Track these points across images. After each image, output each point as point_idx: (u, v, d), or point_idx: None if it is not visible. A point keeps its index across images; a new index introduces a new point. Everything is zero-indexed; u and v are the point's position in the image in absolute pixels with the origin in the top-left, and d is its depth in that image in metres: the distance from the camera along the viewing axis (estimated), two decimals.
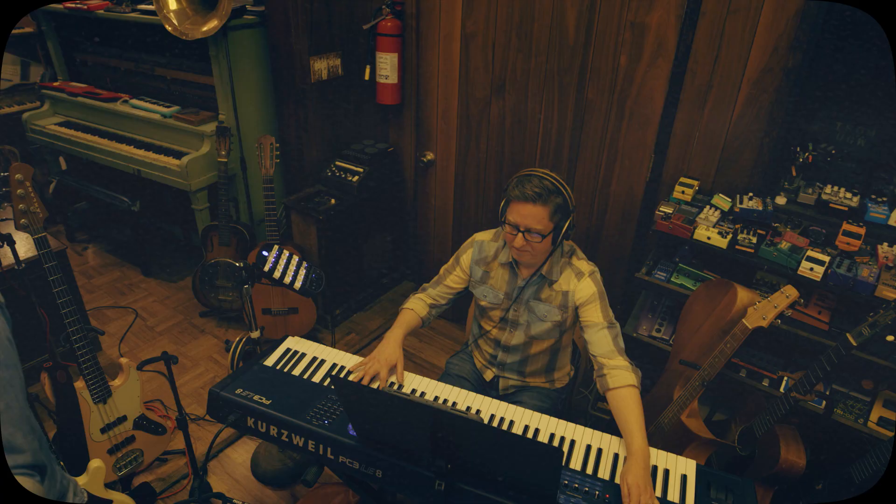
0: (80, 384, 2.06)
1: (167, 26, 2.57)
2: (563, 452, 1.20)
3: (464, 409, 1.72)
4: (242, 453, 2.49)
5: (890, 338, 1.60)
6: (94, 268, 3.69)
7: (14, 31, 3.87)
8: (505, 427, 1.68)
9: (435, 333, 3.23)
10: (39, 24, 3.55)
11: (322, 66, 2.88)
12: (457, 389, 1.84)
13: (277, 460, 2.39)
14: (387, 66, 2.87)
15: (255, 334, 2.13)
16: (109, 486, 1.88)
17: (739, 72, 2.08)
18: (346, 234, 3.06)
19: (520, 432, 1.66)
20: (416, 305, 2.00)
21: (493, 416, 1.73)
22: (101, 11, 3.09)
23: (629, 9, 2.21)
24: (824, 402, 2.01)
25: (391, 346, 1.86)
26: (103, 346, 3.02)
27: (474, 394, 1.82)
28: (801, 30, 1.93)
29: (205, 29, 2.53)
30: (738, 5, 2.00)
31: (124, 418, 2.19)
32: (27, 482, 0.97)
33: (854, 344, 1.64)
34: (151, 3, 3.02)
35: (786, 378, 2.11)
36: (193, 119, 3.01)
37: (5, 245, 2.11)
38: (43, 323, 2.18)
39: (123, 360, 2.18)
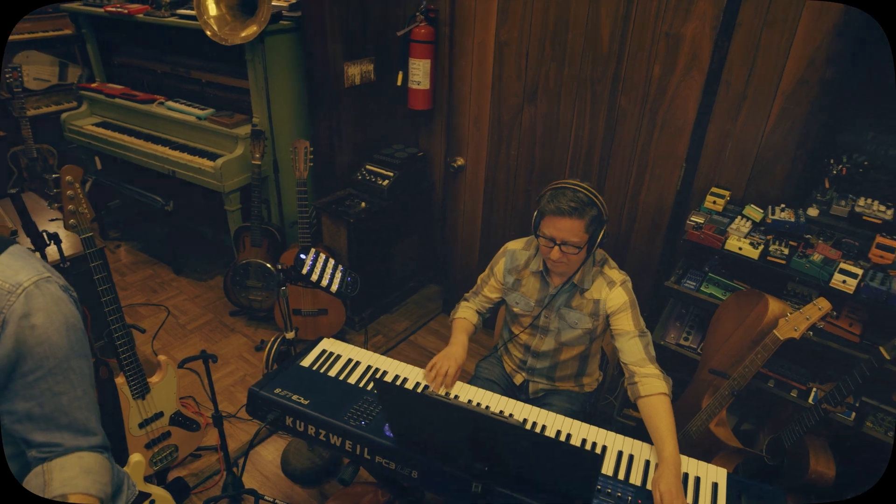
0: (120, 380, 2.12)
1: (207, 32, 2.63)
2: (602, 458, 1.22)
3: (496, 412, 1.76)
4: (273, 451, 2.54)
5: None
6: (126, 265, 3.78)
7: (53, 33, 3.99)
8: (537, 431, 1.71)
9: None
10: (79, 26, 3.64)
11: (355, 72, 2.93)
12: (488, 393, 1.87)
13: (307, 458, 2.44)
14: (419, 72, 2.91)
15: (290, 335, 2.18)
16: (146, 479, 1.94)
17: (774, 84, 2.09)
18: (375, 238, 3.11)
19: (552, 437, 1.69)
20: (467, 314, 2.08)
21: (524, 421, 1.76)
22: (141, 16, 3.17)
23: (664, 20, 2.23)
24: (854, 414, 2.01)
25: (459, 348, 1.94)
26: (137, 343, 3.09)
27: (505, 398, 1.86)
28: (838, 42, 1.93)
29: (244, 34, 2.59)
30: (775, 17, 2.01)
31: (161, 414, 2.26)
32: (99, 458, 1.04)
33: (888, 357, 1.65)
34: (190, 9, 3.10)
35: (815, 389, 2.11)
36: (228, 122, 3.08)
37: (52, 243, 2.20)
38: (85, 319, 2.26)
39: (162, 358, 2.25)
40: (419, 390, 1.83)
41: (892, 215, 2.03)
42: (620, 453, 1.65)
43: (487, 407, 1.81)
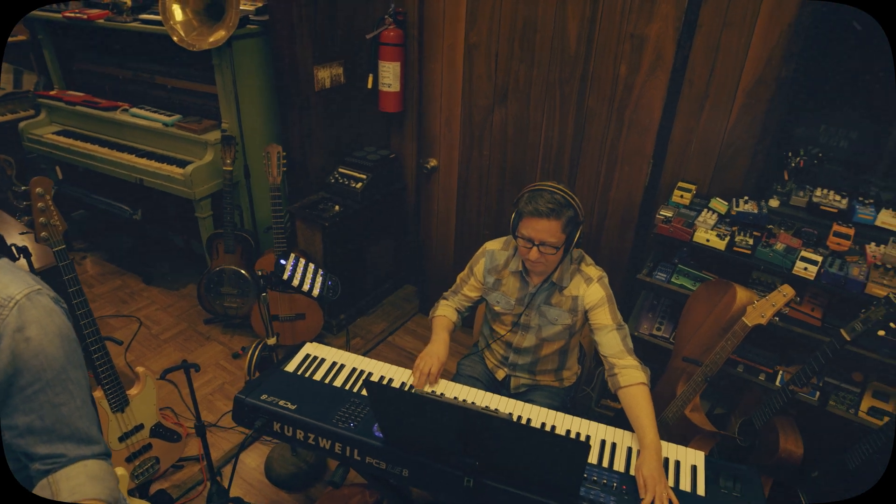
0: (98, 394, 2.09)
1: (174, 37, 2.60)
2: (589, 446, 1.28)
3: (485, 407, 1.80)
4: (255, 458, 2.53)
5: (881, 332, 1.71)
6: (93, 277, 3.69)
7: (7, 39, 3.85)
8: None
9: None
10: (34, 32, 3.54)
11: (325, 75, 2.93)
12: (472, 390, 1.91)
13: (291, 464, 2.44)
14: (389, 75, 2.93)
15: (272, 340, 2.17)
16: (129, 493, 1.92)
17: (735, 82, 2.19)
18: (350, 240, 3.12)
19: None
20: (447, 312, 2.10)
21: (510, 415, 1.80)
22: (102, 21, 3.10)
23: (629, 21, 2.31)
24: (818, 394, 2.12)
25: (441, 345, 1.97)
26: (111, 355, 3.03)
27: (490, 394, 1.90)
28: (793, 41, 2.03)
29: (212, 40, 2.57)
30: (734, 18, 2.10)
31: (141, 426, 2.22)
32: (103, 465, 1.04)
33: (848, 339, 1.75)
34: (153, 14, 3.05)
35: (781, 372, 2.22)
36: (196, 128, 3.04)
37: (21, 257, 2.14)
38: None
39: (141, 369, 2.22)
40: (405, 390, 1.85)
41: (846, 204, 2.15)
42: (603, 442, 1.71)
43: (473, 403, 1.84)
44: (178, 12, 2.60)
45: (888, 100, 2.07)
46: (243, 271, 3.04)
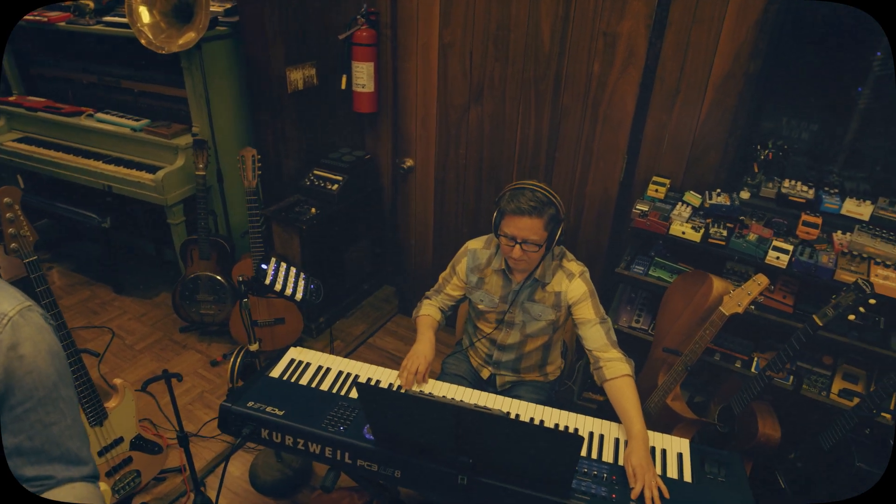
0: None
1: (141, 40, 2.54)
2: (582, 439, 1.30)
3: (476, 405, 1.81)
4: (239, 465, 2.49)
5: (851, 317, 1.78)
6: (61, 288, 3.58)
7: None
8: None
9: None
10: None
11: (298, 77, 2.90)
12: (460, 388, 1.92)
13: (276, 470, 2.41)
14: (363, 75, 2.91)
15: (254, 347, 2.15)
16: None
17: (705, 77, 2.24)
18: (327, 243, 3.09)
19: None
20: (430, 311, 2.10)
21: (502, 412, 1.82)
22: (63, 24, 3.01)
23: (601, 18, 2.34)
24: (792, 378, 2.19)
25: (427, 345, 1.97)
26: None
27: (477, 391, 1.92)
28: (760, 38, 2.09)
29: (181, 42, 2.52)
30: (703, 16, 2.16)
31: (121, 440, 2.17)
32: (91, 488, 1.01)
33: (820, 324, 1.82)
34: (117, 16, 2.98)
35: (756, 358, 2.29)
36: (166, 132, 2.97)
37: None
38: None
39: (118, 381, 2.16)
40: (396, 391, 1.85)
41: (813, 194, 2.23)
42: (591, 434, 1.74)
43: (463, 401, 1.85)
44: (145, 14, 2.54)
45: (845, 93, 2.15)
46: (219, 277, 2.99)
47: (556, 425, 1.76)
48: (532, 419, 1.79)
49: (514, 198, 1.78)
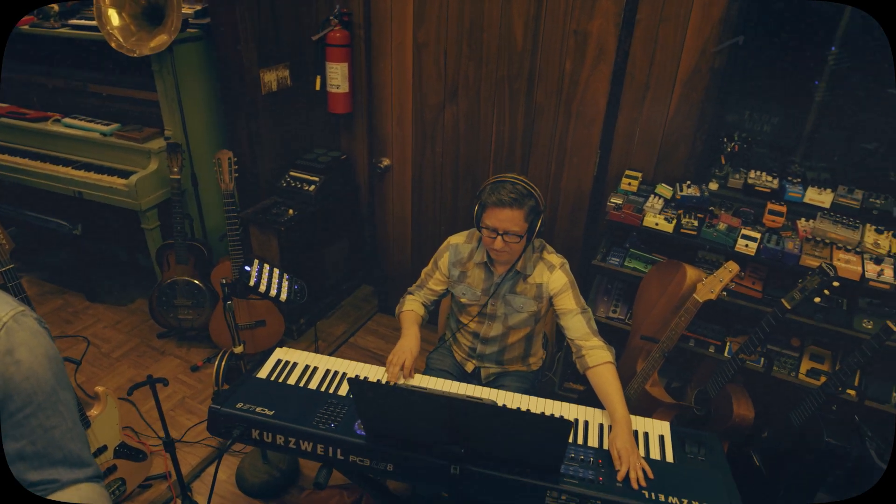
0: None
1: (111, 43, 2.50)
2: (571, 423, 1.34)
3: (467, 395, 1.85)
4: (225, 469, 2.48)
5: (817, 299, 1.87)
6: (32, 297, 3.43)
7: None
8: None
9: None
10: None
11: (272, 78, 2.89)
12: (447, 381, 1.96)
13: (264, 472, 2.41)
14: (337, 76, 2.92)
15: (239, 349, 2.15)
16: None
17: (673, 73, 2.32)
18: (306, 244, 3.09)
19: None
20: (414, 306, 2.12)
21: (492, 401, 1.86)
22: (26, 27, 2.94)
23: (572, 17, 2.40)
24: (763, 360, 2.29)
25: (412, 339, 1.98)
26: None
27: (464, 384, 1.95)
28: (724, 34, 2.18)
29: (153, 45, 2.49)
30: (669, 14, 2.23)
31: (105, 448, 2.15)
32: (96, 488, 1.01)
33: (788, 307, 1.91)
34: (83, 19, 2.93)
35: (729, 343, 2.38)
36: (137, 136, 2.93)
37: None
38: None
39: (100, 389, 2.14)
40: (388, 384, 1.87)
41: (777, 184, 2.33)
42: (576, 420, 1.79)
43: (452, 392, 1.89)
44: (114, 17, 2.51)
45: (803, 87, 2.26)
46: (197, 282, 2.97)
47: (542, 413, 1.81)
48: (518, 408, 1.83)
49: (496, 190, 1.82)
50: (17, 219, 3.33)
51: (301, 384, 1.89)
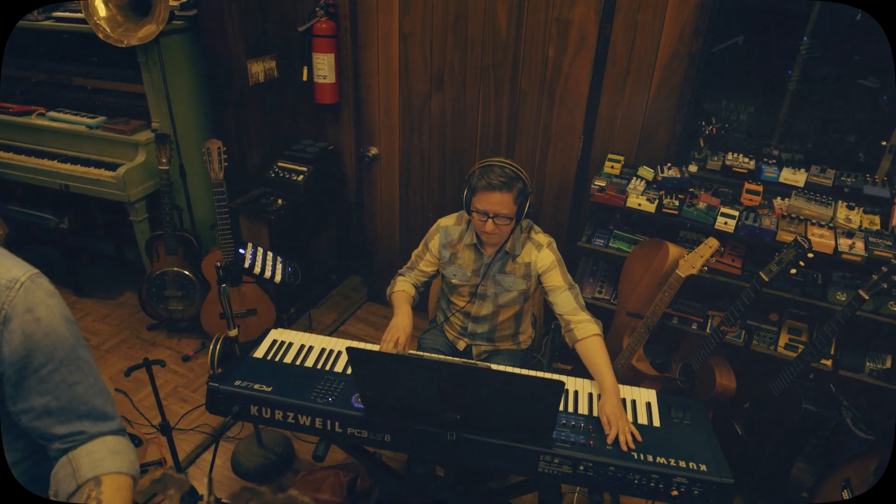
0: None
1: (99, 34, 2.51)
2: (563, 383, 1.40)
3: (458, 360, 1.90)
4: (220, 455, 2.51)
5: (793, 271, 1.96)
6: None
7: None
8: None
9: None
10: None
11: (259, 69, 2.92)
12: (442, 356, 2.00)
13: (259, 455, 2.44)
14: (324, 67, 2.96)
15: (234, 332, 2.18)
16: None
17: (652, 58, 2.40)
18: (295, 233, 3.12)
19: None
20: (405, 286, 2.16)
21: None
22: None
23: (554, 6, 2.47)
24: (743, 334, 2.37)
25: (405, 317, 2.00)
26: None
27: (457, 359, 2.00)
28: (700, 19, 2.26)
29: (141, 35, 2.50)
30: (648, 1, 2.31)
31: None
32: (122, 440, 1.05)
33: (766, 280, 1.99)
34: (68, 11, 2.92)
35: (711, 318, 2.46)
36: (125, 128, 2.94)
37: None
38: None
39: None
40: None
41: (754, 165, 2.41)
42: (567, 390, 1.85)
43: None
44: (101, 8, 2.51)
45: (777, 75, 2.34)
46: (187, 272, 2.98)
47: (535, 375, 1.87)
48: (512, 371, 1.89)
49: (485, 174, 1.88)
50: (2, 213, 3.31)
51: (297, 362, 1.92)
